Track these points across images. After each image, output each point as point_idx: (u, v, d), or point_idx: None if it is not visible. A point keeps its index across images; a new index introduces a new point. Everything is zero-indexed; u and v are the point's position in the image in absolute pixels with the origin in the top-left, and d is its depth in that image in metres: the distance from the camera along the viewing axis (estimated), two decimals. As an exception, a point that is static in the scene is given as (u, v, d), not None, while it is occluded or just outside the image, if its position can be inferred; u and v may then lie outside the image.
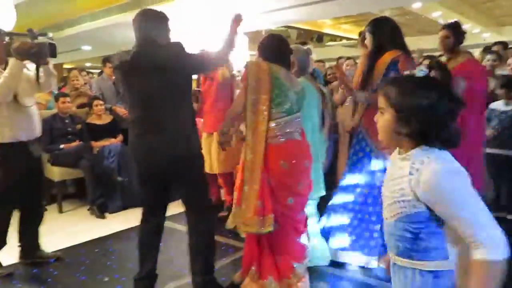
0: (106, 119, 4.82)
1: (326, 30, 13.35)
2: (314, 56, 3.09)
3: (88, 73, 7.46)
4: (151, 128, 2.25)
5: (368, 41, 2.84)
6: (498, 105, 3.84)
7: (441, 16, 11.03)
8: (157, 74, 2.18)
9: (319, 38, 13.42)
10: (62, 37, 7.86)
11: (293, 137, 2.37)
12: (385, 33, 2.77)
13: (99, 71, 8.32)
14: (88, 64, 16.99)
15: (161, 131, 2.23)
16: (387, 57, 2.70)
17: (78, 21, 7.67)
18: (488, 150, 3.85)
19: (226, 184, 3.97)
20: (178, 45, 2.26)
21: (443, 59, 3.60)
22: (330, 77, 5.17)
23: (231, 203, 3.68)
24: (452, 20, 3.36)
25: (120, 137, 4.71)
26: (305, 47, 2.98)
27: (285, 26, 12.06)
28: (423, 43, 9.68)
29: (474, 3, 10.85)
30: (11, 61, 2.65)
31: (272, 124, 2.32)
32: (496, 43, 5.03)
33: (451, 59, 3.18)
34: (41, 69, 2.81)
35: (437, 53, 7.13)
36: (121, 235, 3.71)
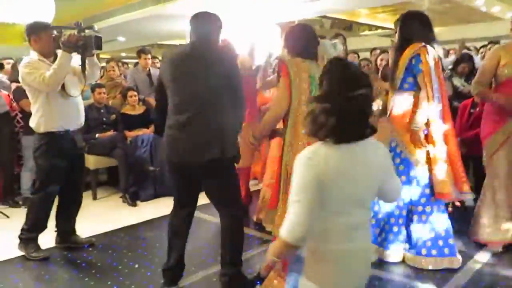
0: (140, 109, 4.93)
1: (361, 20, 13.00)
2: (341, 49, 3.03)
3: (124, 64, 7.63)
4: (190, 124, 2.26)
5: (396, 36, 2.83)
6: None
7: (484, 4, 10.50)
8: (207, 72, 2.23)
9: (349, 27, 13.15)
10: (98, 28, 8.05)
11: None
12: (412, 27, 2.74)
13: (134, 61, 8.50)
14: (123, 54, 17.37)
15: (202, 128, 2.25)
16: (409, 51, 2.69)
17: (113, 13, 7.82)
18: None
19: (242, 179, 3.89)
20: (232, 56, 2.38)
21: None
22: (364, 69, 5.04)
23: (246, 202, 3.70)
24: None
25: (152, 128, 4.80)
26: (333, 41, 2.92)
27: (319, 16, 11.86)
28: (465, 32, 9.28)
29: (520, -10, 10.27)
30: (60, 53, 2.80)
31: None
32: None
33: None
34: (86, 61, 2.94)
35: (479, 43, 6.83)
36: (152, 223, 3.80)
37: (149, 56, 5.51)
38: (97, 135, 4.57)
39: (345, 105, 1.29)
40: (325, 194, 1.31)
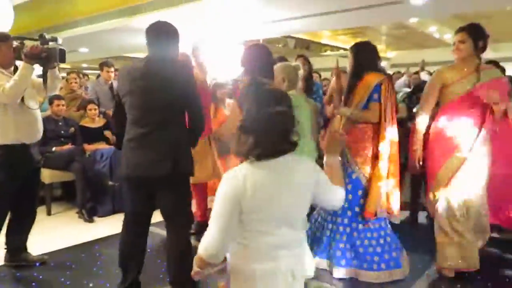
0: (100, 122, 4.84)
1: (323, 40, 13.44)
2: (301, 72, 3.13)
3: (84, 75, 7.46)
4: (146, 139, 2.26)
5: (349, 62, 3.01)
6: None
7: (436, 31, 11.15)
8: (162, 87, 2.24)
9: (307, 47, 13.56)
10: (60, 38, 7.86)
11: None
12: (366, 56, 2.96)
13: (95, 72, 8.34)
14: (84, 65, 16.98)
15: (155, 144, 2.25)
16: (372, 79, 2.86)
17: (76, 24, 7.67)
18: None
19: (198, 195, 3.79)
20: (189, 72, 2.36)
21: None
22: (325, 88, 5.17)
23: (201, 220, 3.68)
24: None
25: (113, 139, 4.70)
26: (293, 64, 3.03)
27: (283, 36, 12.14)
28: (420, 57, 9.77)
29: (467, 19, 10.96)
30: (22, 64, 2.72)
31: None
32: (488, 62, 5.08)
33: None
34: (48, 73, 2.85)
35: (433, 67, 7.22)
36: (109, 240, 3.69)
37: (112, 69, 5.44)
38: (54, 148, 4.42)
39: (262, 123, 1.35)
40: (245, 213, 1.35)
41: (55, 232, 3.89)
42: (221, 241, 1.35)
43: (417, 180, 4.26)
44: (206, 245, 1.36)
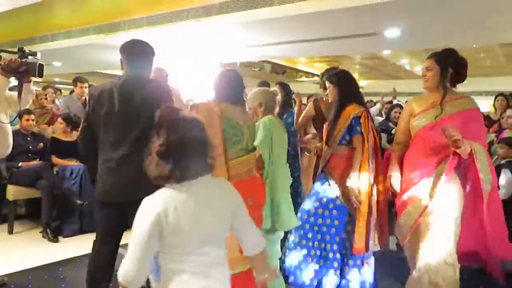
0: (73, 137, 4.70)
1: (299, 67, 13.75)
2: (279, 98, 3.18)
3: (57, 90, 7.30)
4: (123, 162, 2.20)
5: (332, 92, 2.96)
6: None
7: (407, 63, 11.61)
8: (138, 108, 2.18)
9: (283, 72, 13.85)
10: (34, 50, 7.72)
11: (254, 174, 2.43)
12: (351, 86, 2.96)
13: (67, 87, 8.18)
14: (57, 79, 16.65)
15: (135, 166, 2.17)
16: (351, 111, 2.84)
17: (53, 37, 7.56)
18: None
19: None
20: (165, 92, 2.29)
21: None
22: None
23: None
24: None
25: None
26: (272, 89, 3.08)
27: (260, 60, 12.35)
28: (391, 87, 10.12)
29: (438, 54, 11.50)
30: None
31: (235, 163, 2.35)
32: None
33: None
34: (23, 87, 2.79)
35: (404, 98, 7.48)
36: (74, 262, 3.54)
37: (86, 84, 5.35)
38: (20, 163, 4.26)
39: (179, 148, 1.42)
40: (166, 236, 1.40)
41: (16, 252, 3.71)
42: (139, 267, 1.39)
43: (389, 206, 4.32)
44: (124, 272, 1.40)
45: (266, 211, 2.63)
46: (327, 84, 3.03)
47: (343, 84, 2.95)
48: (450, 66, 2.54)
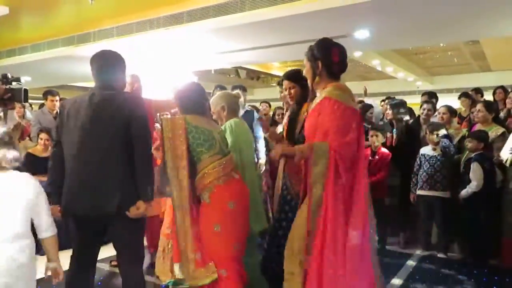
0: (48, 152, 4.57)
1: (273, 71, 13.85)
2: (242, 100, 3.19)
3: (24, 105, 7.10)
4: (87, 176, 2.14)
5: (296, 92, 2.83)
6: (427, 150, 4.13)
7: (379, 64, 11.85)
8: (106, 120, 2.14)
9: (237, 73, 13.97)
10: (2, 66, 7.51)
11: (233, 176, 2.42)
12: (306, 87, 2.76)
13: (36, 101, 7.97)
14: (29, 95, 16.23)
15: (98, 180, 2.13)
16: (305, 108, 2.73)
17: (19, 51, 7.38)
18: (420, 192, 4.10)
19: (152, 228, 3.61)
20: (135, 102, 2.24)
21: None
22: (278, 118, 5.26)
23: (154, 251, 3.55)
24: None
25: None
26: (234, 92, 3.08)
27: (234, 67, 12.39)
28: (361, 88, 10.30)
29: (407, 54, 11.81)
30: None
31: (212, 167, 2.35)
32: (425, 93, 5.45)
33: None
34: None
35: (376, 98, 7.62)
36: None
37: (57, 97, 5.23)
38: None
39: None
40: None
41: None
42: None
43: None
44: None
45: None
46: (291, 84, 2.87)
47: (305, 84, 2.78)
48: (318, 59, 2.31)
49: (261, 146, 4.14)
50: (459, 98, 5.64)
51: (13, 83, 2.73)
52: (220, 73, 13.18)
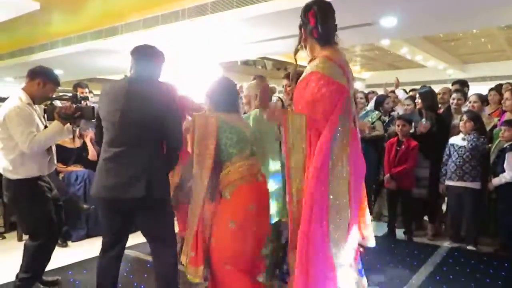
0: (77, 143, 4.72)
1: (300, 62, 13.72)
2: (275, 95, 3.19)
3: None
4: (118, 159, 2.22)
5: (292, 90, 2.64)
6: (456, 140, 4.01)
7: (407, 52, 11.53)
8: (140, 109, 2.19)
9: (264, 65, 13.85)
10: (34, 60, 7.75)
11: (257, 179, 2.41)
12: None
13: (69, 94, 8.19)
14: (59, 88, 16.75)
15: (128, 165, 2.21)
16: None
17: (51, 46, 7.60)
18: (449, 183, 3.99)
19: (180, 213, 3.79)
20: (170, 95, 2.29)
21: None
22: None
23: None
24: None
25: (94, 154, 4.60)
26: (271, 85, 3.07)
27: (261, 57, 12.34)
28: (392, 77, 10.05)
29: (437, 41, 11.43)
30: (55, 124, 2.73)
31: (238, 166, 2.34)
32: (456, 82, 5.27)
33: None
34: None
35: (407, 87, 7.43)
36: (84, 265, 3.58)
37: (86, 90, 5.37)
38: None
39: None
40: None
41: (26, 258, 3.73)
42: None
43: (394, 195, 4.33)
44: None
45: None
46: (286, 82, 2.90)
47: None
48: (301, 26, 2.20)
49: None
50: (489, 91, 5.37)
51: (82, 102, 2.87)
52: (247, 64, 13.17)
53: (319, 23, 2.10)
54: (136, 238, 2.47)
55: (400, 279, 3.19)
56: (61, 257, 3.73)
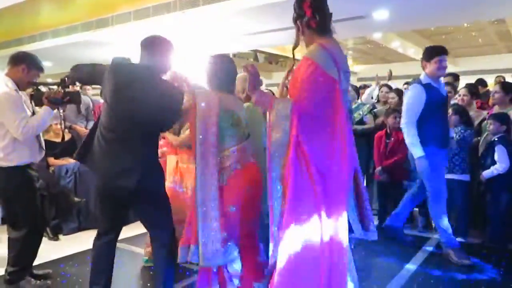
0: (65, 137, 4.68)
1: (298, 57, 13.70)
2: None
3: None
4: (114, 146, 2.22)
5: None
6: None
7: (399, 46, 11.57)
8: (144, 97, 2.17)
9: (255, 57, 13.75)
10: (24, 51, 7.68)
11: (250, 160, 2.43)
12: None
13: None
14: (49, 80, 16.57)
15: (123, 154, 2.21)
16: None
17: (40, 37, 7.50)
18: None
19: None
20: (175, 92, 2.27)
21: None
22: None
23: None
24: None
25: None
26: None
27: (253, 50, 12.30)
28: (384, 71, 10.05)
29: (429, 35, 11.48)
30: (45, 109, 2.73)
31: (232, 151, 2.35)
32: (447, 75, 5.28)
33: None
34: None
35: (399, 80, 7.47)
36: (75, 258, 3.56)
37: (77, 82, 5.31)
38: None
39: None
40: None
41: (16, 252, 3.70)
42: None
43: (385, 188, 4.36)
44: None
45: None
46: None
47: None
48: (296, 19, 2.17)
49: None
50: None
51: (70, 86, 2.89)
52: (239, 57, 13.13)
53: (316, 13, 2.07)
54: (128, 232, 2.46)
55: (390, 270, 3.23)
56: (53, 250, 3.72)
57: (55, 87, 2.82)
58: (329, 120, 1.98)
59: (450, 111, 3.98)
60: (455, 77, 5.17)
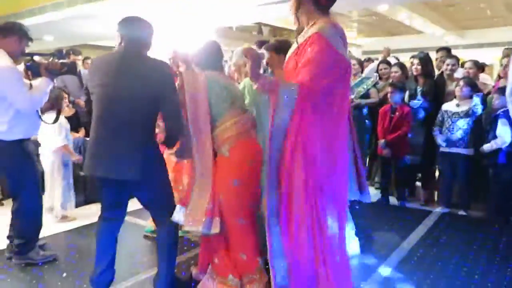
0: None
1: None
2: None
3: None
4: (108, 138, 2.17)
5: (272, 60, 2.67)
6: (450, 106, 4.02)
7: (406, 18, 11.32)
8: (135, 86, 2.14)
9: (260, 30, 13.55)
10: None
11: (251, 135, 2.43)
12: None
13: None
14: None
15: (119, 144, 2.16)
16: None
17: (40, 11, 7.39)
18: (443, 149, 4.03)
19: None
20: (166, 71, 2.23)
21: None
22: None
23: None
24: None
25: (82, 131, 4.59)
26: (260, 51, 2.97)
27: (257, 23, 12.10)
28: (391, 44, 9.89)
29: (436, 6, 11.21)
30: (45, 79, 2.72)
31: (233, 122, 2.35)
32: (440, 49, 5.14)
33: None
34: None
35: (406, 53, 7.36)
36: (82, 231, 3.64)
37: (80, 57, 5.30)
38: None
39: None
40: None
41: (24, 224, 3.78)
42: None
43: (388, 162, 4.37)
44: None
45: None
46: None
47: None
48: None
49: None
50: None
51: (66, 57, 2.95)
52: (242, 30, 12.92)
53: None
54: (134, 205, 2.50)
55: (392, 243, 3.27)
56: (59, 223, 3.79)
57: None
58: (337, 101, 1.96)
59: (461, 82, 3.95)
60: (449, 51, 5.09)
